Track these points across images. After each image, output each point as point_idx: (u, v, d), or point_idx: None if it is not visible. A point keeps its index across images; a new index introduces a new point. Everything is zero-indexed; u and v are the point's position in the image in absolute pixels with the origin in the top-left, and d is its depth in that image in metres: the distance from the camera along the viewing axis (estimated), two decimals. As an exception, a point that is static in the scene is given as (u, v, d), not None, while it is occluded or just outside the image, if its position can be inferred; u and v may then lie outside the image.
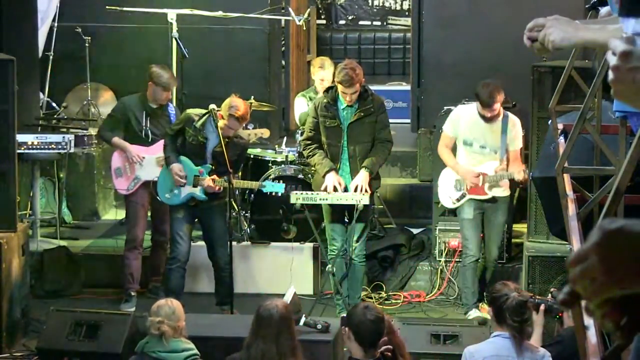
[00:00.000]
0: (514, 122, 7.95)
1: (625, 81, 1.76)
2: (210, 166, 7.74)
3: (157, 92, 8.15)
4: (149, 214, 8.54)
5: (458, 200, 8.01)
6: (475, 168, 7.92)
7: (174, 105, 8.56)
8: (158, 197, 8.02)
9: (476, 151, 7.94)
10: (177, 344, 5.40)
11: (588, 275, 1.49)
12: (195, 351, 5.45)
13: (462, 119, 7.94)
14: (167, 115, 8.32)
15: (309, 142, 7.88)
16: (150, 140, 8.29)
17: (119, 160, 8.38)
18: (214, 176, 7.70)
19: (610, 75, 1.78)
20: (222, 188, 7.70)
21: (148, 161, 8.29)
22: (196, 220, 8.02)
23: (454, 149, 8.07)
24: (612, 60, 1.76)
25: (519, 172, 7.80)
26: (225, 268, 7.81)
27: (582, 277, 1.49)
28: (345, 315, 5.80)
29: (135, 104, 8.28)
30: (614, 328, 1.54)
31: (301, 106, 9.02)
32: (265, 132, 8.98)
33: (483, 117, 7.81)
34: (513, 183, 8.15)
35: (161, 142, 8.23)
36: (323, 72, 8.84)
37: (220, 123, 7.54)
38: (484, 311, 7.75)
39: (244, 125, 7.80)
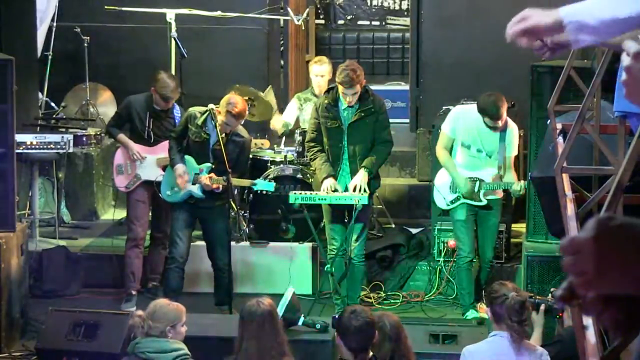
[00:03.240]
0: (512, 128, 7.96)
1: (638, 81, 1.76)
2: (211, 165, 7.75)
3: (157, 99, 8.16)
4: (151, 216, 8.54)
5: (452, 202, 8.02)
6: (473, 173, 7.92)
7: (180, 107, 8.53)
8: (160, 195, 8.04)
9: (473, 154, 7.95)
10: (165, 345, 5.38)
11: (579, 268, 1.48)
12: (185, 351, 5.43)
13: (462, 120, 7.93)
14: (172, 118, 8.32)
15: (312, 144, 7.92)
16: (152, 141, 8.30)
17: (121, 158, 8.42)
18: (211, 174, 7.71)
19: (623, 75, 1.77)
20: (220, 187, 7.70)
21: (149, 161, 8.30)
22: (197, 220, 8.03)
23: (451, 149, 8.07)
24: (626, 60, 1.76)
25: (519, 186, 7.79)
26: (224, 269, 7.81)
27: (573, 268, 1.49)
28: (336, 316, 5.79)
29: (141, 104, 8.29)
30: (610, 326, 1.54)
31: (290, 111, 9.09)
32: (265, 143, 9.03)
33: (489, 126, 7.79)
34: (507, 192, 8.15)
35: (163, 144, 8.24)
36: (319, 67, 8.88)
37: (218, 119, 7.55)
38: (482, 311, 7.75)
39: (241, 122, 7.78)
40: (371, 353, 4.91)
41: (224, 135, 7.59)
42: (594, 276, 1.47)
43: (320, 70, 8.88)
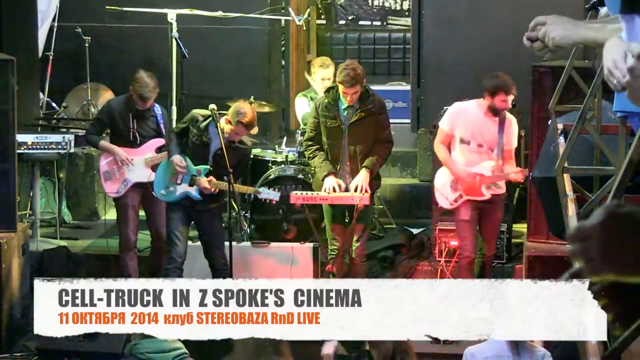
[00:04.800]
0: (511, 120, 7.98)
1: None
2: (209, 168, 7.73)
3: (135, 98, 8.10)
4: (146, 217, 8.51)
5: (455, 201, 7.99)
6: (472, 169, 7.91)
7: (160, 105, 8.48)
8: (153, 193, 8.00)
9: (473, 150, 7.93)
10: (164, 344, 5.39)
11: (586, 255, 1.48)
12: (184, 350, 5.44)
13: (461, 116, 7.92)
14: (154, 116, 8.27)
15: (310, 142, 7.90)
16: (138, 142, 8.25)
17: (106, 164, 8.30)
18: (211, 177, 7.69)
19: (626, 76, 1.76)
20: (217, 190, 7.68)
21: (137, 163, 8.24)
22: (193, 221, 8.02)
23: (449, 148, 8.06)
24: (629, 61, 1.75)
25: (515, 172, 7.83)
26: (223, 270, 7.78)
27: (580, 255, 1.49)
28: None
29: (122, 105, 8.22)
30: (612, 319, 1.54)
31: (302, 106, 9.03)
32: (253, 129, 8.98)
33: (493, 110, 7.78)
34: (510, 183, 8.16)
35: (149, 143, 8.22)
36: (324, 71, 8.84)
37: (227, 128, 7.53)
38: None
39: (251, 130, 7.78)
40: (367, 348, 4.92)
41: (227, 142, 7.56)
42: (600, 262, 1.47)
43: (327, 74, 8.83)
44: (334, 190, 7.75)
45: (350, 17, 15.27)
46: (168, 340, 5.40)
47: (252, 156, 9.01)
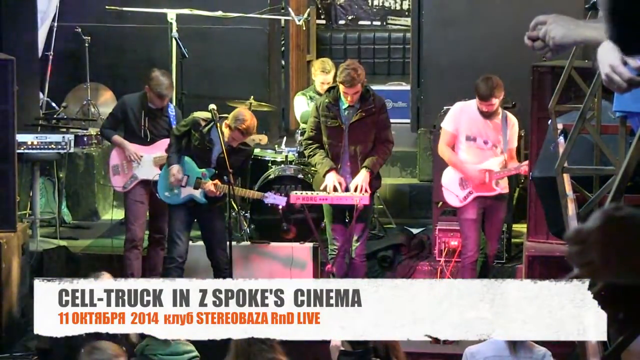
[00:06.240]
0: (512, 120, 8.01)
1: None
2: (214, 170, 7.75)
3: (152, 97, 8.15)
4: (149, 214, 8.53)
5: (465, 198, 7.99)
6: (479, 165, 7.93)
7: (174, 106, 8.56)
8: (158, 195, 8.02)
9: (480, 146, 7.95)
10: (177, 347, 5.39)
11: (585, 257, 1.48)
12: (196, 353, 5.44)
13: (464, 114, 7.95)
14: (167, 116, 8.32)
15: (310, 141, 7.91)
16: (148, 139, 8.29)
17: (116, 158, 8.40)
18: (217, 181, 7.71)
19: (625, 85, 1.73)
20: (222, 193, 7.72)
21: (146, 160, 8.29)
22: (195, 220, 8.03)
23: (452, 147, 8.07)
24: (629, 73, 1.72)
25: (522, 165, 7.89)
26: (224, 269, 7.81)
27: (579, 258, 1.49)
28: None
29: (135, 103, 8.29)
30: (610, 321, 1.55)
31: (301, 105, 9.04)
32: (263, 139, 8.99)
33: (481, 112, 7.83)
34: (513, 181, 8.18)
35: (160, 142, 8.25)
36: (325, 76, 8.83)
37: (226, 132, 7.56)
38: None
39: (249, 137, 7.79)
40: (372, 345, 4.94)
41: (227, 146, 7.58)
42: (599, 266, 1.47)
43: (327, 79, 8.82)
44: (335, 189, 7.75)
45: (350, 17, 15.28)
46: (180, 343, 5.39)
47: (252, 156, 9.02)
